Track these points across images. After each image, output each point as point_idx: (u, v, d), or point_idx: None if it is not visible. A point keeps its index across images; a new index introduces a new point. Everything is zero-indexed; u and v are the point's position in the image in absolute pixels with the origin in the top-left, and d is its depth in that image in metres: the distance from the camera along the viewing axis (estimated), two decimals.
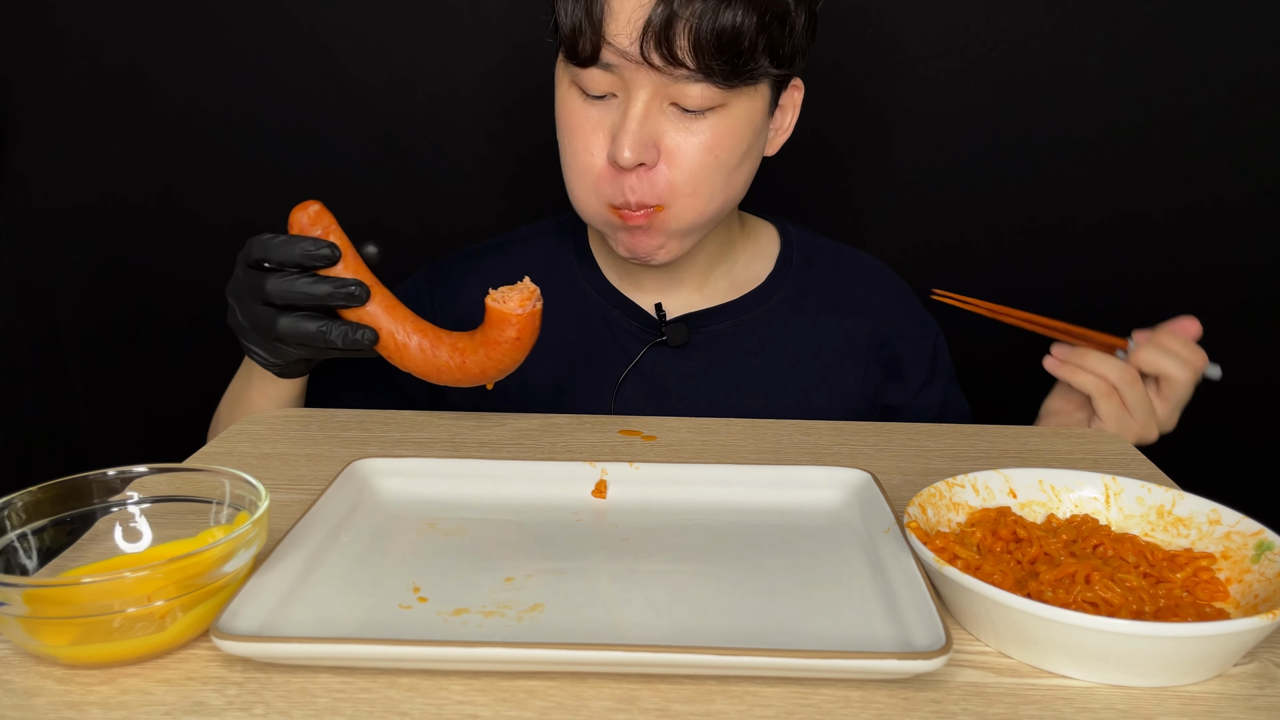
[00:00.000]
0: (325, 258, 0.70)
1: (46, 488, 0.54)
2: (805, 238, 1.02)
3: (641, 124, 0.78)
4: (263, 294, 0.71)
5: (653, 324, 0.95)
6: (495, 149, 1.33)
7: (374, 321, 0.71)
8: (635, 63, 0.76)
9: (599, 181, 0.82)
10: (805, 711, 0.45)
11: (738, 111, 0.80)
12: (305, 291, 0.70)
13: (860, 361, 0.97)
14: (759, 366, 0.95)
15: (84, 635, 0.46)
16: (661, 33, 0.74)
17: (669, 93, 0.78)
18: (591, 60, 0.78)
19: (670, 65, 0.75)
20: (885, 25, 1.25)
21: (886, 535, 0.59)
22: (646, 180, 0.80)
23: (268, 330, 0.72)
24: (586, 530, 0.63)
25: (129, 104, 1.31)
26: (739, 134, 0.81)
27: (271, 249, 0.71)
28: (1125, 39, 1.24)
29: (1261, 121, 1.27)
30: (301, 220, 0.72)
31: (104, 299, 1.41)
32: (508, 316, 0.70)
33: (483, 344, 0.72)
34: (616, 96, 0.80)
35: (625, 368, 0.94)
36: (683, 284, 0.96)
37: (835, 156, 1.32)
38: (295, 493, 0.68)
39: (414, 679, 0.47)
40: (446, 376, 0.73)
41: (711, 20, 0.73)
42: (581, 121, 0.81)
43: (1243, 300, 1.35)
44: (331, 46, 1.27)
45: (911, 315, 1.02)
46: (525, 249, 1.01)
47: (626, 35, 0.75)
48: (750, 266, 0.99)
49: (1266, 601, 0.50)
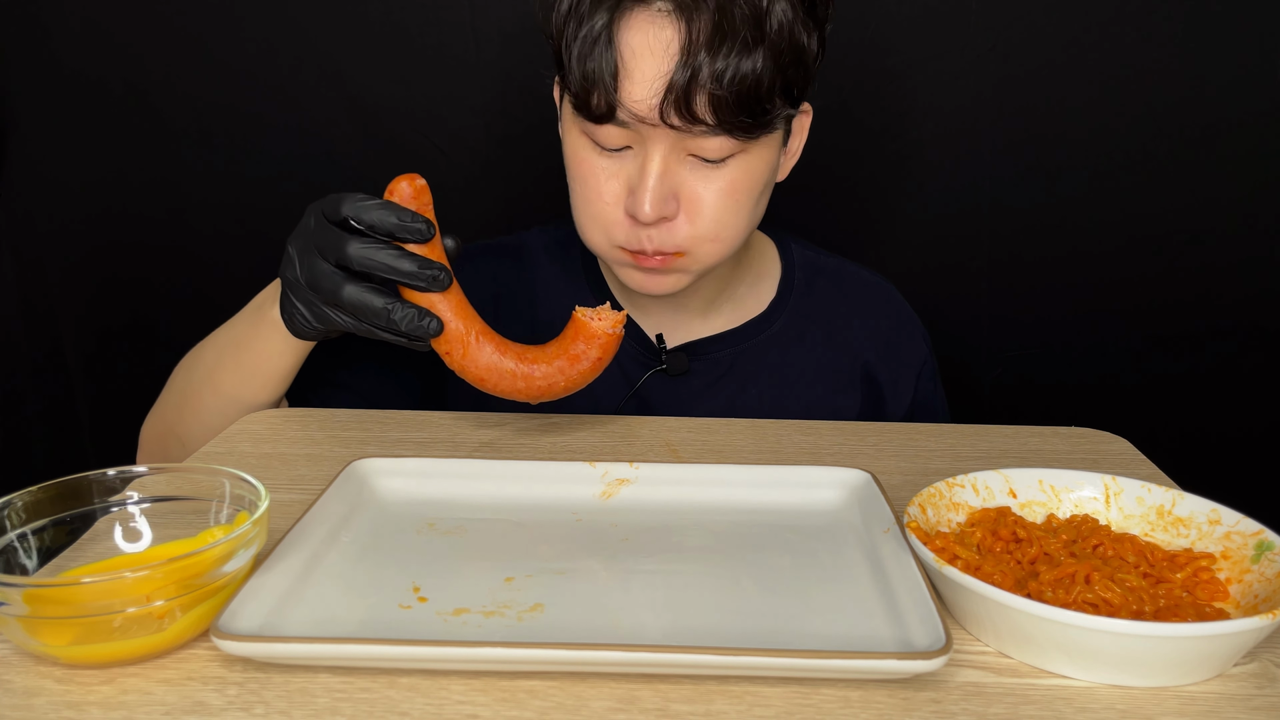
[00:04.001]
0: (420, 232, 0.66)
1: (46, 488, 0.54)
2: (807, 256, 1.01)
3: (661, 180, 0.75)
4: (340, 254, 0.66)
5: (654, 350, 0.94)
6: (496, 151, 1.33)
7: (441, 313, 0.67)
8: (653, 125, 0.74)
9: (612, 228, 0.80)
10: (805, 711, 0.45)
11: (755, 154, 0.78)
12: (389, 263, 0.66)
13: (856, 393, 0.97)
14: (756, 395, 0.95)
15: (84, 635, 0.46)
16: (682, 96, 0.71)
17: (686, 145, 0.75)
18: (606, 118, 0.75)
19: (690, 124, 0.73)
20: (883, 28, 1.25)
21: (886, 535, 0.59)
22: (666, 230, 0.78)
23: (329, 292, 0.68)
24: (586, 530, 0.63)
25: (128, 110, 1.31)
26: (757, 175, 0.79)
27: (366, 210, 0.66)
28: (1148, 56, 1.24)
29: (1269, 119, 1.27)
30: (404, 190, 0.67)
31: (104, 299, 1.41)
32: (596, 334, 0.68)
33: (559, 355, 0.69)
34: (631, 148, 0.77)
35: (624, 390, 0.93)
36: (687, 310, 0.95)
37: (832, 165, 1.32)
38: (295, 493, 0.68)
39: (414, 679, 0.47)
40: (507, 385, 0.69)
41: (733, 74, 0.71)
42: (595, 170, 0.79)
43: (1243, 300, 1.35)
44: (333, 51, 1.27)
45: (905, 345, 1.00)
46: (537, 258, 0.99)
47: (644, 102, 0.73)
48: (754, 290, 0.98)
49: (1266, 601, 0.50)
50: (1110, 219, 1.32)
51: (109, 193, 1.35)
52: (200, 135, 1.31)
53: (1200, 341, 1.36)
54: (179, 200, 1.35)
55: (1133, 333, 1.36)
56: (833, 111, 1.25)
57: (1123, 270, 1.34)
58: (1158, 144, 1.28)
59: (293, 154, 1.31)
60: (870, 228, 1.36)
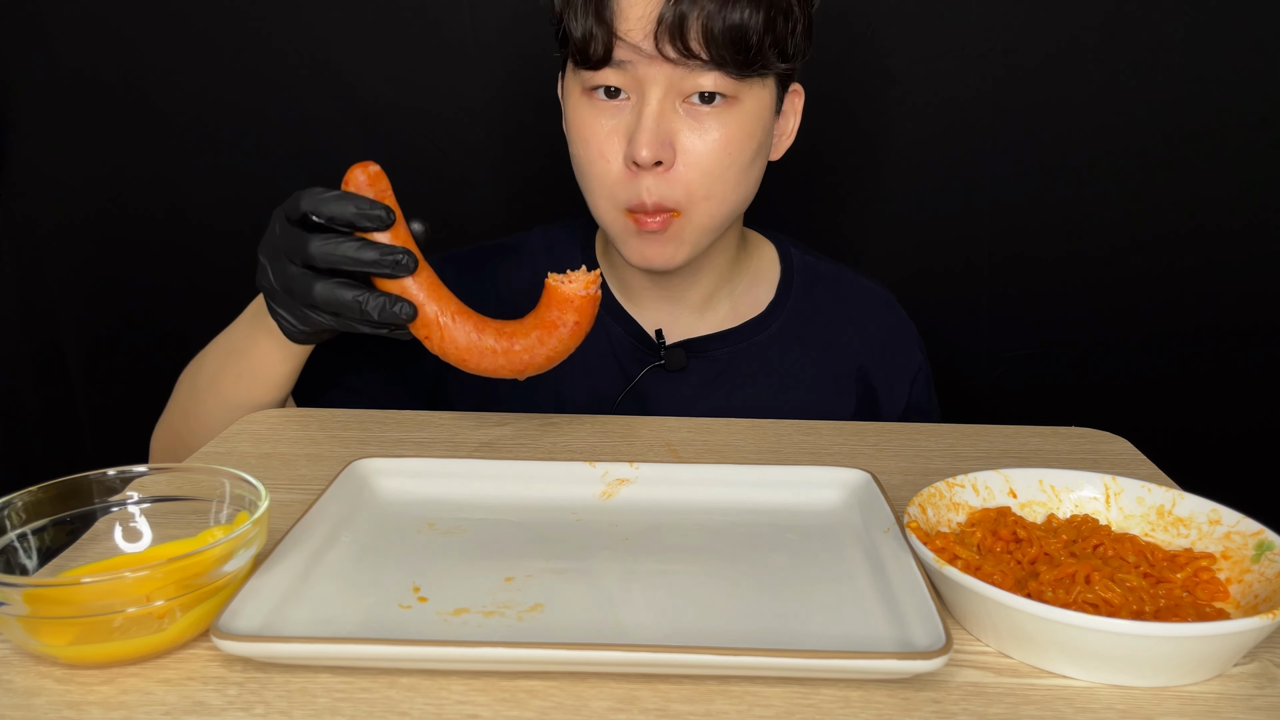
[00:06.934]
0: (380, 219, 0.66)
1: (46, 488, 0.54)
2: (807, 260, 1.01)
3: (658, 121, 0.78)
4: (304, 254, 0.67)
5: (652, 346, 0.95)
6: (498, 148, 1.33)
7: (414, 298, 0.67)
8: (649, 58, 0.77)
9: (615, 187, 0.82)
10: (805, 711, 0.45)
11: (748, 107, 0.81)
12: (351, 255, 0.66)
13: (851, 397, 0.98)
14: (753, 395, 0.95)
15: (84, 635, 0.46)
16: (675, 26, 0.75)
17: (682, 87, 0.79)
18: (605, 60, 0.78)
19: (685, 57, 0.76)
20: (884, 28, 1.25)
21: (886, 535, 0.59)
22: (664, 181, 0.80)
23: (303, 295, 0.68)
24: (586, 530, 0.63)
25: (128, 109, 1.31)
26: (750, 130, 0.82)
27: (324, 202, 0.66)
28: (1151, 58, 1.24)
29: (1269, 119, 1.27)
30: (359, 178, 0.67)
31: (104, 298, 1.41)
32: (570, 298, 0.67)
33: (536, 326, 0.68)
34: (629, 98, 0.80)
35: (622, 385, 0.94)
36: (685, 305, 0.95)
37: (833, 165, 1.32)
38: (295, 493, 0.68)
39: (414, 679, 0.47)
40: (488, 362, 0.68)
41: (721, 14, 0.75)
42: (595, 130, 0.82)
43: (1243, 300, 1.35)
44: (334, 51, 1.27)
45: (900, 351, 1.00)
46: (537, 257, 1.00)
47: (639, 30, 0.77)
48: (752, 290, 0.98)
49: (1266, 601, 0.50)
50: (1110, 219, 1.32)
51: (108, 191, 1.35)
52: (200, 134, 1.32)
53: (1200, 341, 1.37)
54: (179, 199, 1.35)
55: (1133, 333, 1.37)
56: (834, 111, 1.26)
57: (1122, 270, 1.34)
58: (1158, 144, 1.28)
59: (294, 153, 1.31)
60: (871, 227, 1.36)
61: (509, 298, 0.96)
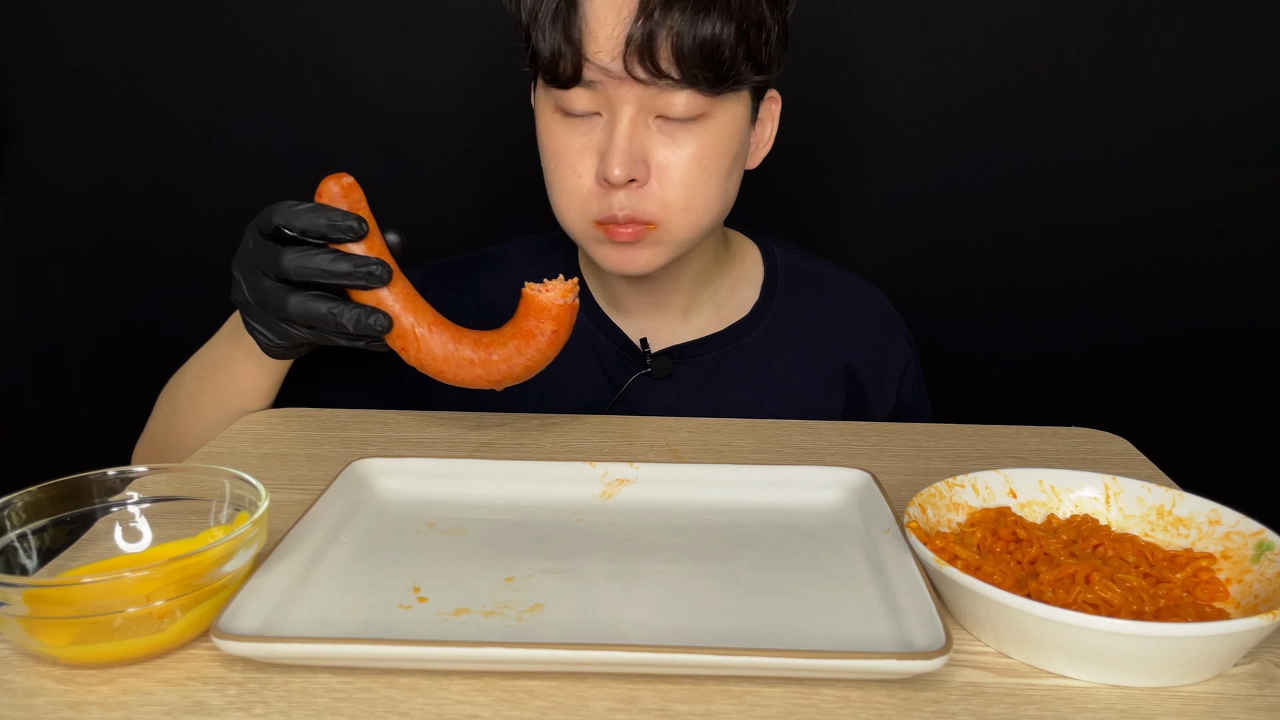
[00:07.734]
0: (352, 230, 0.65)
1: (46, 488, 0.54)
2: (790, 259, 1.00)
3: (629, 140, 0.76)
4: (277, 268, 0.66)
5: (638, 354, 0.94)
6: (497, 150, 1.33)
7: (389, 309, 0.67)
8: (619, 79, 0.75)
9: (587, 201, 0.80)
10: (805, 711, 0.45)
11: (723, 120, 0.79)
12: (324, 268, 0.65)
13: (840, 396, 0.97)
14: (741, 398, 0.94)
15: (84, 635, 0.46)
16: (644, 46, 0.73)
17: (654, 105, 0.77)
18: (574, 80, 0.76)
19: (655, 78, 0.74)
20: (885, 29, 1.25)
21: (886, 535, 0.59)
22: (638, 196, 0.79)
23: (277, 309, 0.68)
24: (586, 530, 0.63)
25: (128, 112, 1.31)
26: (725, 144, 0.80)
27: (295, 215, 0.66)
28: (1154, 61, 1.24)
29: (1269, 119, 1.27)
30: (332, 190, 0.66)
31: (104, 299, 1.41)
32: (547, 307, 0.67)
33: (514, 336, 0.67)
34: (601, 116, 0.78)
35: (609, 394, 0.93)
36: (668, 310, 0.94)
37: (832, 165, 1.32)
38: (295, 493, 0.68)
39: (414, 679, 0.47)
40: (466, 373, 0.68)
41: (692, 31, 0.72)
42: (568, 145, 0.80)
43: (1243, 300, 1.35)
44: (332, 53, 1.27)
45: (888, 347, 1.00)
46: (519, 267, 0.99)
47: (608, 52, 0.74)
48: (735, 292, 0.97)
49: (1266, 601, 0.50)
50: (1110, 219, 1.32)
51: (109, 193, 1.35)
52: (200, 136, 1.32)
53: (1200, 341, 1.37)
54: (178, 200, 1.35)
55: (1133, 333, 1.37)
56: (834, 112, 1.26)
57: (1123, 270, 1.34)
58: (1158, 144, 1.29)
59: (294, 154, 1.31)
60: (871, 228, 1.36)
61: (491, 309, 0.95)
